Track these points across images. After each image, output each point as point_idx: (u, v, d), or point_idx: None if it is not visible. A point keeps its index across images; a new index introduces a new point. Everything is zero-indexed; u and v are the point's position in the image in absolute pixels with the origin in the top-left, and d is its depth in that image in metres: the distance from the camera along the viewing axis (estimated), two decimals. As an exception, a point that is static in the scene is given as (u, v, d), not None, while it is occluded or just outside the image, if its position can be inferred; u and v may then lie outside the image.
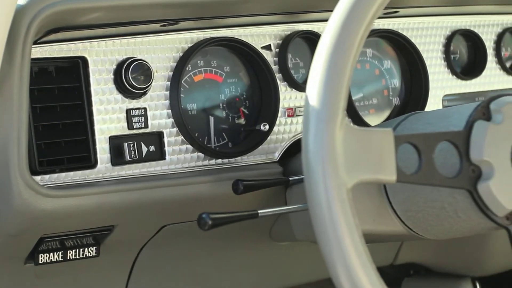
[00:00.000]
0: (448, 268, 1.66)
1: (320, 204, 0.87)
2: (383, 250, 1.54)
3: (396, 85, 1.46)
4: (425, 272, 1.71)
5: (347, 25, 0.90)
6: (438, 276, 1.69)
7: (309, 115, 0.88)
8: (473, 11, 1.51)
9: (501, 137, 0.99)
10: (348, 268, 0.86)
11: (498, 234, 1.08)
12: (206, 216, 1.03)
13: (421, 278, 1.72)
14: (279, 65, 1.31)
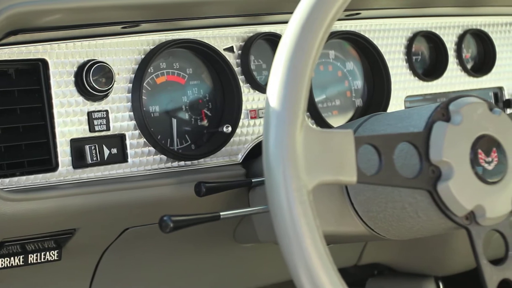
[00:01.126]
0: (411, 268, 1.67)
1: (281, 205, 0.87)
2: (347, 250, 1.54)
3: (358, 86, 1.47)
4: (389, 272, 1.72)
5: (306, 27, 0.90)
6: (402, 276, 1.70)
7: (269, 117, 0.89)
8: (434, 13, 1.52)
9: (460, 138, 1.00)
10: (309, 269, 0.86)
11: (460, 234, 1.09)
12: (168, 218, 1.03)
13: (385, 278, 1.73)
14: (241, 67, 1.31)
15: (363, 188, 1.09)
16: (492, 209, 1.00)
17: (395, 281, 1.71)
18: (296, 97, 0.88)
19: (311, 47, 0.90)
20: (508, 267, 1.01)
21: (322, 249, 0.87)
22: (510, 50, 1.61)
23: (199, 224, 1.13)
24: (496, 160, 1.01)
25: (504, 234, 1.03)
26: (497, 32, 1.59)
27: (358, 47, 1.46)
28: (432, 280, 1.67)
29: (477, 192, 1.00)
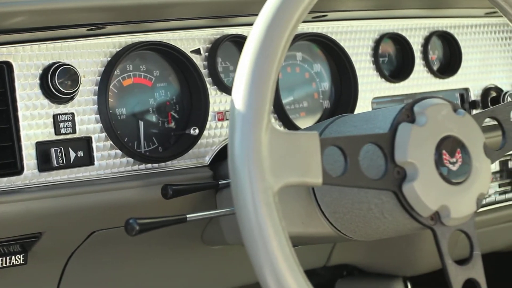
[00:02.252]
0: (380, 268, 1.68)
1: (247, 207, 0.87)
2: (316, 251, 1.55)
3: (326, 88, 1.47)
4: (358, 273, 1.73)
5: (271, 29, 0.90)
6: (371, 276, 1.71)
7: (235, 119, 0.89)
8: (400, 15, 1.53)
9: (425, 139, 1.01)
10: (275, 271, 0.86)
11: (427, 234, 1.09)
12: (134, 221, 1.03)
13: (354, 279, 1.74)
14: (208, 69, 1.31)
15: (329, 189, 1.09)
16: (457, 210, 1.01)
17: (364, 282, 1.71)
18: (261, 99, 0.89)
19: (276, 49, 0.90)
20: (473, 267, 1.02)
21: (288, 251, 0.87)
22: (475, 51, 1.63)
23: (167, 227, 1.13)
24: (461, 160, 1.02)
25: (468, 234, 1.04)
26: (463, 34, 1.61)
27: (325, 49, 1.46)
28: (400, 280, 1.68)
29: (441, 192, 1.00)
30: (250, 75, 0.89)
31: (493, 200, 1.64)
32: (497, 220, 1.68)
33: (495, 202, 1.65)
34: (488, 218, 1.65)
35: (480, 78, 1.63)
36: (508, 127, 1.10)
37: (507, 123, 1.10)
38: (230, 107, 0.90)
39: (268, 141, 0.88)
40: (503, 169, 1.67)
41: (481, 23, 1.64)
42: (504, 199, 1.66)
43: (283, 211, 1.10)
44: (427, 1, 1.51)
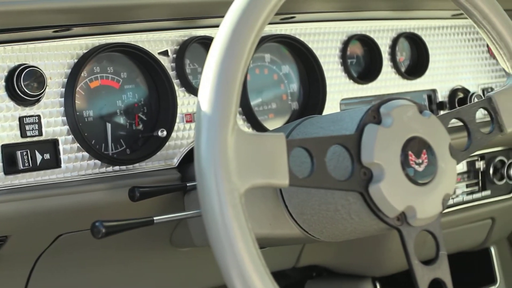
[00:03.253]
0: (349, 269, 1.68)
1: (213, 209, 0.87)
2: (285, 253, 1.55)
3: (294, 89, 1.48)
4: (327, 274, 1.74)
5: (237, 30, 0.91)
6: (340, 277, 1.71)
7: (201, 121, 0.89)
8: (368, 17, 1.54)
9: (391, 140, 1.01)
10: (241, 273, 0.86)
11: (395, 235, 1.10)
12: (100, 224, 1.02)
13: (324, 280, 1.74)
14: (176, 70, 1.31)
15: (297, 191, 1.10)
16: (423, 210, 1.02)
17: (333, 283, 1.72)
18: (227, 101, 0.89)
19: (242, 50, 0.90)
20: (439, 267, 1.03)
21: (255, 252, 0.87)
22: (443, 53, 1.64)
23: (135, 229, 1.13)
24: (426, 161, 1.03)
25: (434, 234, 1.05)
26: (430, 36, 1.62)
27: (293, 51, 1.46)
28: (369, 280, 1.69)
29: (407, 193, 1.01)
30: (216, 77, 0.89)
31: (460, 200, 1.65)
32: (464, 220, 1.69)
33: (463, 202, 1.66)
34: (456, 218, 1.66)
35: (447, 79, 1.64)
36: (474, 128, 1.11)
37: (472, 124, 1.11)
38: (196, 109, 0.90)
39: (234, 143, 0.88)
40: (470, 169, 1.68)
41: (448, 25, 1.65)
42: (471, 199, 1.67)
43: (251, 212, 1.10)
44: (394, 3, 1.52)
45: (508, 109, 1.12)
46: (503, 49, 1.13)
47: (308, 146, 0.96)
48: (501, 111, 1.11)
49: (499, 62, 1.16)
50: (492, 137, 1.12)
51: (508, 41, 1.13)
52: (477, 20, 1.12)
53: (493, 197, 1.71)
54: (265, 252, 1.28)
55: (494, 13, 1.12)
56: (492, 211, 1.73)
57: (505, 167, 1.70)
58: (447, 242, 1.69)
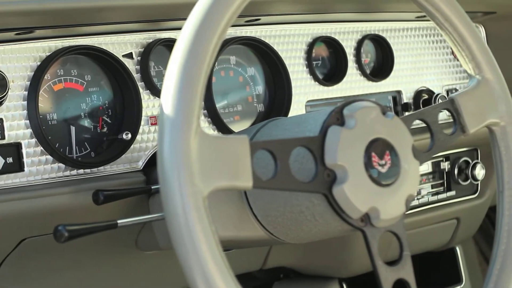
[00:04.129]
0: (316, 270, 1.69)
1: (176, 212, 0.87)
2: (252, 255, 1.55)
3: (260, 91, 1.48)
4: (295, 275, 1.74)
5: (199, 33, 0.90)
6: (307, 278, 1.71)
7: (163, 123, 0.88)
8: (333, 19, 1.55)
9: (354, 141, 1.01)
10: (205, 276, 0.86)
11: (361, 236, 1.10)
12: (62, 228, 1.02)
13: (291, 281, 1.74)
14: (141, 73, 1.31)
15: (261, 193, 1.10)
16: (386, 211, 1.02)
17: (300, 284, 1.72)
18: (190, 104, 0.89)
19: (205, 53, 0.90)
20: (402, 267, 1.04)
21: (218, 255, 0.87)
22: (407, 54, 1.65)
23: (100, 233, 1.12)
24: (389, 163, 1.04)
25: (398, 235, 1.05)
26: (395, 37, 1.63)
27: (259, 53, 1.47)
28: (336, 281, 1.69)
29: (371, 194, 1.01)
30: (178, 79, 0.89)
31: (426, 201, 1.67)
32: (430, 220, 1.70)
33: (428, 202, 1.67)
34: (421, 219, 1.67)
35: (412, 80, 1.65)
36: (436, 129, 1.11)
37: (435, 125, 1.11)
38: (159, 112, 0.90)
39: (198, 146, 0.88)
40: (435, 170, 1.69)
41: (412, 27, 1.66)
42: (436, 199, 1.69)
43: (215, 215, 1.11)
44: (359, 5, 1.52)
45: (470, 110, 1.13)
46: (465, 51, 1.14)
47: (271, 148, 0.96)
48: (463, 112, 1.12)
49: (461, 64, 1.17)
50: (455, 138, 1.13)
51: (469, 43, 1.14)
52: (440, 22, 1.13)
53: (458, 197, 1.73)
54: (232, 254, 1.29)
55: (456, 15, 1.13)
56: (457, 211, 1.75)
57: (469, 167, 1.72)
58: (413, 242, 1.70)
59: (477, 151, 1.75)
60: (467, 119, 1.12)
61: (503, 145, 1.14)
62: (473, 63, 1.15)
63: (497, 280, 1.09)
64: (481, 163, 1.73)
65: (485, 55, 1.15)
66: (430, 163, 1.69)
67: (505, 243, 1.11)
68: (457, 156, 1.71)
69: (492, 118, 1.14)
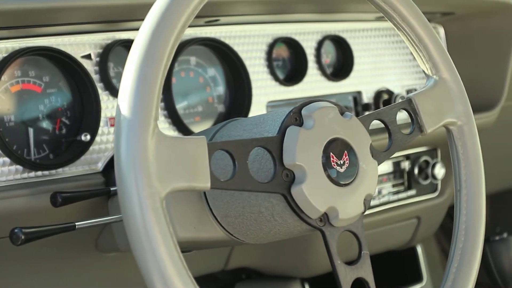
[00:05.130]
0: (278, 270, 1.69)
1: (134, 213, 0.86)
2: (213, 256, 1.55)
3: (220, 92, 1.48)
4: (257, 276, 1.74)
5: (156, 34, 0.90)
6: (269, 279, 1.72)
7: (120, 125, 0.88)
8: (293, 19, 1.55)
9: (313, 142, 1.02)
10: (163, 277, 0.86)
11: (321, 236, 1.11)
12: (19, 230, 1.01)
13: (253, 282, 1.75)
14: (100, 74, 1.30)
15: (221, 193, 1.10)
16: (345, 211, 1.03)
17: (262, 284, 1.72)
18: (147, 104, 0.88)
19: (162, 54, 0.90)
20: (361, 266, 1.04)
21: (177, 256, 0.87)
22: (367, 55, 1.66)
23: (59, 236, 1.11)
24: (348, 162, 1.04)
25: (357, 234, 1.06)
26: (355, 38, 1.64)
27: (219, 54, 1.46)
28: (298, 281, 1.69)
29: (329, 194, 1.02)
30: (135, 80, 0.89)
31: (386, 200, 1.68)
32: (391, 219, 1.71)
33: (389, 202, 1.69)
34: (382, 218, 1.68)
35: (372, 81, 1.66)
36: (394, 129, 1.12)
37: (393, 125, 1.12)
38: (116, 113, 0.89)
39: (155, 147, 0.88)
40: (396, 169, 1.71)
41: (372, 27, 1.67)
42: (397, 199, 1.70)
43: (175, 216, 1.11)
44: (319, 6, 1.53)
45: (427, 110, 1.13)
46: (422, 51, 1.15)
47: (229, 149, 0.96)
48: (421, 112, 1.13)
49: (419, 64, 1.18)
50: (413, 138, 1.14)
51: (427, 43, 1.15)
52: (397, 23, 1.14)
53: (418, 196, 1.74)
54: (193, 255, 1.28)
55: (413, 16, 1.14)
56: (417, 210, 1.76)
57: (429, 167, 1.73)
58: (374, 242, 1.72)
59: (437, 151, 1.77)
60: (424, 119, 1.13)
61: (460, 144, 1.16)
62: (430, 63, 1.15)
63: (454, 278, 1.10)
64: (441, 162, 1.75)
65: (442, 55, 1.16)
66: (391, 162, 1.70)
67: (463, 241, 1.13)
68: (417, 156, 1.73)
69: (449, 118, 1.15)
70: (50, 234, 1.05)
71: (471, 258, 1.12)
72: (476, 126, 1.18)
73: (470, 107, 1.17)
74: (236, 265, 1.62)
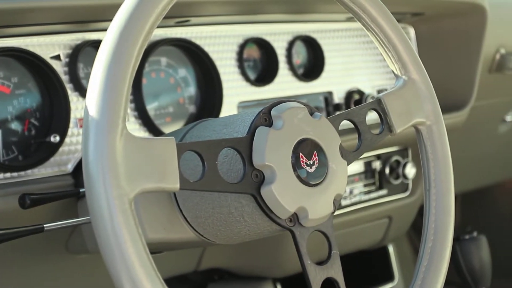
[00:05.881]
0: (250, 271, 1.69)
1: (102, 215, 0.86)
2: (185, 256, 1.54)
3: (191, 93, 1.47)
4: (229, 276, 1.74)
5: (124, 34, 0.90)
6: (241, 279, 1.72)
7: (88, 126, 0.88)
8: (264, 20, 1.55)
9: (282, 142, 1.02)
10: (132, 278, 0.86)
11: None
12: (-14, 232, 1.00)
13: (225, 282, 1.75)
14: (69, 75, 1.29)
15: (190, 194, 1.09)
16: (314, 211, 1.03)
17: (235, 285, 1.72)
18: (115, 105, 0.88)
19: (130, 54, 0.89)
20: (331, 266, 1.04)
21: (146, 258, 0.87)
22: (338, 55, 1.66)
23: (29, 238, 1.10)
24: (317, 163, 1.04)
25: (326, 234, 1.06)
26: (326, 38, 1.64)
27: (189, 54, 1.46)
28: (270, 282, 1.70)
29: (299, 194, 1.02)
30: (103, 81, 0.88)
31: (358, 200, 1.68)
32: (362, 219, 1.72)
33: (360, 201, 1.69)
34: (354, 218, 1.69)
35: (343, 81, 1.67)
36: (364, 129, 1.13)
37: (362, 125, 1.12)
38: (83, 114, 0.89)
39: (123, 148, 0.87)
40: (367, 169, 1.71)
41: (343, 28, 1.68)
42: (368, 198, 1.71)
43: (145, 217, 1.10)
44: (290, 6, 1.53)
45: (397, 110, 1.14)
46: (391, 51, 1.15)
47: (199, 150, 0.96)
48: (390, 112, 1.14)
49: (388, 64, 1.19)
50: (382, 138, 1.14)
51: (396, 44, 1.15)
52: (366, 23, 1.14)
53: (389, 196, 1.75)
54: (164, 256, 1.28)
55: (382, 16, 1.14)
56: (388, 210, 1.77)
57: (400, 166, 1.74)
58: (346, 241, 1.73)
59: (408, 151, 1.78)
60: (394, 119, 1.14)
61: (429, 144, 1.16)
62: (399, 63, 1.16)
63: (424, 277, 1.11)
64: (412, 162, 1.76)
65: (411, 56, 1.16)
66: (362, 162, 1.71)
67: (432, 240, 1.13)
68: (388, 156, 1.73)
69: (418, 118, 1.16)
70: (18, 236, 1.04)
71: (441, 257, 1.12)
72: (445, 126, 1.19)
73: (439, 107, 1.18)
74: (208, 265, 1.62)
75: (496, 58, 1.92)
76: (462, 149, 2.01)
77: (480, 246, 1.74)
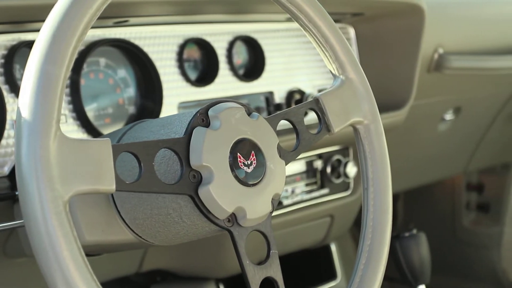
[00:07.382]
0: (192, 272, 1.69)
1: (36, 218, 0.85)
2: (126, 258, 1.53)
3: (131, 94, 1.46)
4: (172, 277, 1.73)
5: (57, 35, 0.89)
6: (184, 280, 1.71)
7: (21, 128, 0.86)
8: (204, 20, 1.55)
9: (219, 142, 1.02)
10: (67, 282, 0.85)
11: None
12: None
13: (168, 284, 1.74)
14: (5, 76, 1.27)
15: (128, 196, 1.08)
16: (253, 210, 1.03)
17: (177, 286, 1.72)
18: (48, 107, 0.87)
19: (63, 55, 0.88)
20: (270, 266, 1.05)
21: (81, 260, 0.86)
22: (279, 55, 1.67)
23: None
24: (255, 163, 1.04)
25: (265, 233, 1.06)
26: (266, 38, 1.65)
27: (129, 55, 1.45)
28: (213, 282, 1.70)
29: (237, 194, 1.02)
30: (35, 82, 0.87)
31: (300, 199, 1.69)
32: (304, 218, 1.73)
33: (302, 201, 1.70)
34: (296, 217, 1.70)
35: (284, 81, 1.67)
36: (301, 129, 1.13)
37: (300, 125, 1.13)
38: (16, 116, 0.88)
39: (57, 150, 0.86)
40: (309, 169, 1.72)
41: (283, 28, 1.68)
42: (310, 197, 1.72)
43: (82, 220, 1.09)
44: (229, 6, 1.53)
45: (334, 109, 1.15)
46: (328, 51, 1.16)
47: (135, 151, 0.95)
48: (328, 111, 1.14)
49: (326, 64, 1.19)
50: (320, 137, 1.15)
51: (333, 44, 1.16)
52: (303, 24, 1.15)
53: (331, 195, 1.76)
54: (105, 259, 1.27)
55: (319, 17, 1.15)
56: (330, 208, 1.78)
57: (342, 165, 1.76)
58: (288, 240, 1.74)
59: (349, 150, 1.79)
60: (331, 118, 1.14)
61: (367, 143, 1.17)
62: (336, 63, 1.17)
63: (362, 275, 1.12)
64: (353, 161, 1.77)
65: (348, 56, 1.17)
66: (303, 162, 1.71)
67: (370, 238, 1.14)
68: (329, 155, 1.75)
69: (355, 117, 1.17)
70: (-50, 240, 1.02)
71: (379, 255, 1.13)
72: (385, 125, 1.20)
73: (376, 106, 1.19)
74: (150, 267, 1.61)
75: (435, 58, 1.95)
76: (403, 148, 2.04)
77: (419, 243, 1.77)
